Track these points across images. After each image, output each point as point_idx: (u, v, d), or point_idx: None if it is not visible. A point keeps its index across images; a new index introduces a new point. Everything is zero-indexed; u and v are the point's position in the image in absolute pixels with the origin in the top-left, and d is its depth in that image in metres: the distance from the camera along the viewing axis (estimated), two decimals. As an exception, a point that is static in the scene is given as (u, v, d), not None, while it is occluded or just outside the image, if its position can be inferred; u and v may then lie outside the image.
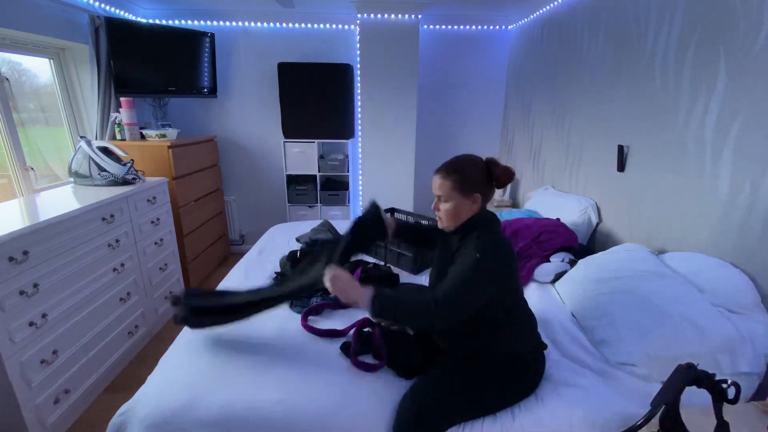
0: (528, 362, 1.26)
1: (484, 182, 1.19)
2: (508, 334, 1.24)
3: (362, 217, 1.44)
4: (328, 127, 3.35)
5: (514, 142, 3.50)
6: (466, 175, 1.18)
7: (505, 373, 1.22)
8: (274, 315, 1.63)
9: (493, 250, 1.14)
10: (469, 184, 1.18)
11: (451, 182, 1.18)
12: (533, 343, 1.30)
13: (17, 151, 2.19)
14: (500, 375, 1.22)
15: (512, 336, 1.25)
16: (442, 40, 3.50)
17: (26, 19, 2.15)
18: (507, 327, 1.24)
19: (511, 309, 1.25)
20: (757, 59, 1.36)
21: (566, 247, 2.08)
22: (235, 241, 3.88)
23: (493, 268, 1.13)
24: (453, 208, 1.20)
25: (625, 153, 2.04)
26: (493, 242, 1.16)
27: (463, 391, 1.19)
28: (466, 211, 1.21)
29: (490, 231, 1.20)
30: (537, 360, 1.29)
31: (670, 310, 1.35)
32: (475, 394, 1.19)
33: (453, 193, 1.19)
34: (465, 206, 1.20)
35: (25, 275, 1.55)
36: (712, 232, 1.57)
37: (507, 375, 1.22)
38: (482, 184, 1.19)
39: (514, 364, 1.24)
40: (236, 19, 3.32)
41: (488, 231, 1.19)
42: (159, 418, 1.16)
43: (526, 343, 1.27)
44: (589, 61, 2.34)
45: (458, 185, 1.18)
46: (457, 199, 1.19)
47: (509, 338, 1.24)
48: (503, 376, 1.22)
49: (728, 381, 0.86)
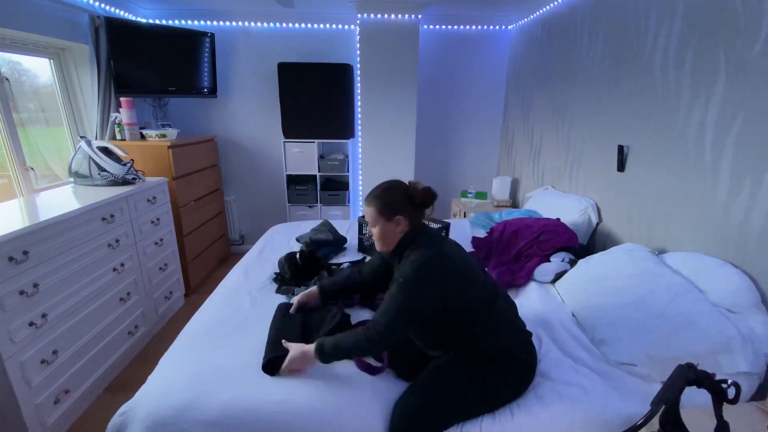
0: (515, 355, 1.27)
1: (405, 204, 1.27)
2: (482, 331, 1.24)
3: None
4: (328, 127, 3.35)
5: (514, 142, 3.50)
6: (385, 200, 1.27)
7: (496, 368, 1.23)
8: (274, 315, 1.63)
9: (417, 270, 1.18)
10: (389, 209, 1.26)
11: (373, 209, 1.29)
12: (514, 334, 1.30)
13: (17, 151, 2.19)
14: (491, 371, 1.23)
15: (489, 332, 1.25)
16: (442, 40, 3.50)
17: (26, 19, 2.15)
18: (478, 325, 1.24)
19: (475, 308, 1.24)
20: (757, 59, 1.36)
21: (566, 247, 2.08)
22: (235, 241, 3.88)
23: (421, 285, 1.17)
24: (379, 233, 1.30)
25: (625, 153, 2.04)
26: (418, 261, 1.19)
27: (457, 389, 1.20)
28: (394, 233, 1.29)
29: (421, 246, 1.24)
30: (525, 351, 1.30)
31: (670, 310, 1.35)
32: (468, 393, 1.20)
33: (377, 219, 1.28)
34: (390, 229, 1.28)
35: (25, 275, 1.55)
36: (712, 232, 1.57)
37: (498, 370, 1.23)
38: (404, 207, 1.27)
39: (502, 359, 1.25)
40: (236, 19, 3.32)
41: (418, 248, 1.24)
42: (159, 418, 1.16)
43: (506, 336, 1.27)
44: (589, 60, 2.35)
45: (379, 210, 1.27)
46: (382, 223, 1.28)
47: (486, 335, 1.24)
48: (494, 372, 1.23)
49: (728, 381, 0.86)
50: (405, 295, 1.17)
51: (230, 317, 1.62)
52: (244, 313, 1.65)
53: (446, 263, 1.22)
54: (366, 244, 2.30)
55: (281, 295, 1.81)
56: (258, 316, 1.63)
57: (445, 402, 1.18)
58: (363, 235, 2.29)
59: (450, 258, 1.23)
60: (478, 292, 1.26)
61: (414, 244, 1.26)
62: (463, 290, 1.22)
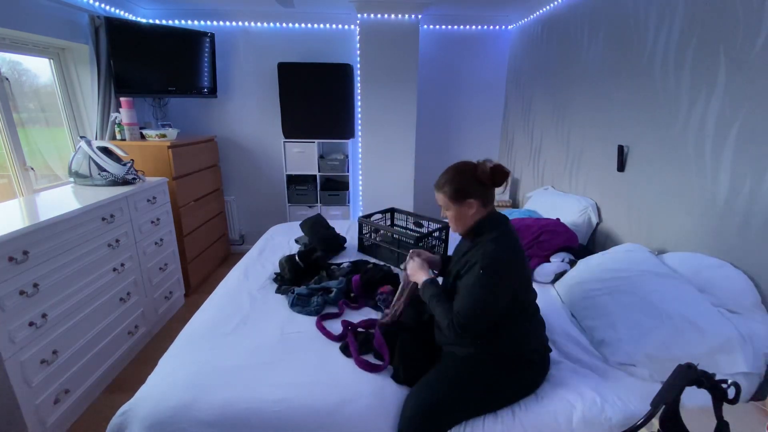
0: (533, 362, 1.27)
1: (475, 186, 1.25)
2: (517, 332, 1.25)
3: None
4: (328, 127, 3.35)
5: (514, 142, 3.50)
6: (454, 184, 1.26)
7: (510, 372, 1.23)
8: (273, 314, 1.64)
9: (495, 261, 1.18)
10: (459, 192, 1.25)
11: (443, 194, 1.29)
12: (540, 343, 1.31)
13: (17, 151, 2.19)
14: (505, 374, 1.23)
15: (521, 335, 1.26)
16: (442, 40, 3.50)
17: (26, 19, 2.15)
18: (516, 326, 1.25)
19: (523, 305, 1.27)
20: (757, 59, 1.36)
21: (566, 247, 2.08)
22: (235, 241, 3.88)
23: (498, 277, 1.17)
24: (454, 216, 1.29)
25: (625, 153, 2.04)
26: (495, 251, 1.19)
27: (470, 389, 1.20)
28: (467, 216, 1.27)
29: (497, 234, 1.23)
30: (542, 360, 1.31)
31: (670, 310, 1.35)
32: (480, 393, 1.20)
33: (449, 203, 1.28)
34: (463, 212, 1.27)
35: (25, 275, 1.55)
36: (712, 232, 1.57)
37: (512, 374, 1.23)
38: (474, 189, 1.25)
39: (520, 364, 1.25)
40: (236, 19, 3.32)
41: (494, 234, 1.23)
42: (159, 418, 1.16)
43: (533, 344, 1.28)
44: (589, 60, 2.34)
45: (450, 195, 1.27)
46: (454, 207, 1.27)
47: (518, 337, 1.25)
48: (508, 376, 1.23)
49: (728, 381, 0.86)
50: (485, 287, 1.17)
51: (230, 317, 1.62)
52: (243, 313, 1.65)
53: (518, 253, 1.24)
54: (366, 244, 2.30)
55: (281, 295, 1.81)
56: (258, 316, 1.63)
57: (460, 399, 1.18)
58: (363, 235, 2.29)
59: (520, 250, 1.25)
60: (527, 289, 1.29)
61: (490, 230, 1.25)
62: (520, 283, 1.24)
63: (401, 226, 2.52)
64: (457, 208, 1.27)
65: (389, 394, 1.23)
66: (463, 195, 1.25)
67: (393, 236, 2.19)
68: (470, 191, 1.24)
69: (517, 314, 1.25)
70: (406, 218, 2.50)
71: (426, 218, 2.39)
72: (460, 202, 1.26)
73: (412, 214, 2.47)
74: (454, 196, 1.26)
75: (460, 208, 1.26)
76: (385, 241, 2.21)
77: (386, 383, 1.27)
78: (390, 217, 2.57)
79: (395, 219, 2.58)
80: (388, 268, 1.96)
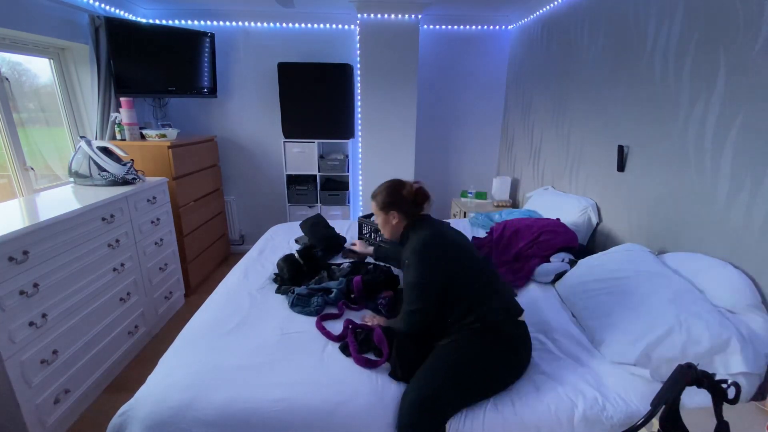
0: (506, 330, 1.32)
1: (400, 202, 1.51)
2: (475, 303, 1.33)
3: None
4: (328, 127, 3.35)
5: (514, 142, 3.50)
6: (382, 197, 1.54)
7: (491, 345, 1.28)
8: (273, 314, 1.64)
9: (416, 250, 1.38)
10: (384, 205, 1.53)
11: (374, 203, 1.57)
12: (504, 308, 1.36)
13: (17, 151, 2.19)
14: (488, 349, 1.28)
15: (479, 303, 1.33)
16: (442, 40, 3.50)
17: (26, 19, 2.16)
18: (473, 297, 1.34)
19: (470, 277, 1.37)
20: (757, 59, 1.36)
21: (566, 247, 2.08)
22: (235, 241, 3.88)
23: (426, 256, 1.37)
24: (380, 223, 1.57)
25: (625, 153, 2.04)
26: (416, 241, 1.41)
27: (454, 370, 1.22)
28: (392, 225, 1.54)
29: (418, 230, 1.47)
30: (515, 325, 1.35)
31: (670, 310, 1.35)
32: (470, 374, 1.23)
33: (378, 212, 1.56)
34: (387, 222, 1.54)
35: (25, 275, 1.55)
36: (712, 232, 1.57)
37: (494, 347, 1.28)
38: (396, 204, 1.51)
39: (497, 336, 1.30)
40: (236, 19, 3.32)
41: (415, 235, 1.45)
42: (159, 418, 1.16)
43: (495, 308, 1.33)
44: (588, 61, 2.35)
45: (378, 206, 1.55)
46: (381, 216, 1.55)
47: (477, 306, 1.32)
48: (491, 350, 1.28)
49: (728, 381, 0.86)
50: (414, 273, 1.36)
51: (230, 317, 1.62)
52: (243, 313, 1.65)
53: (442, 240, 1.41)
54: (366, 244, 2.30)
55: (281, 295, 1.81)
56: (258, 316, 1.63)
57: (446, 386, 1.19)
58: (363, 236, 2.28)
59: (444, 236, 1.43)
60: (474, 269, 1.40)
61: (414, 231, 1.48)
62: (460, 265, 1.38)
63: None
64: (383, 216, 1.54)
65: (388, 393, 1.23)
66: (388, 207, 1.52)
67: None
68: (394, 205, 1.50)
69: (469, 287, 1.35)
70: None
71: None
72: (385, 212, 1.53)
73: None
74: (381, 206, 1.53)
75: (385, 217, 1.53)
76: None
77: (385, 382, 1.28)
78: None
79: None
80: (389, 269, 1.96)
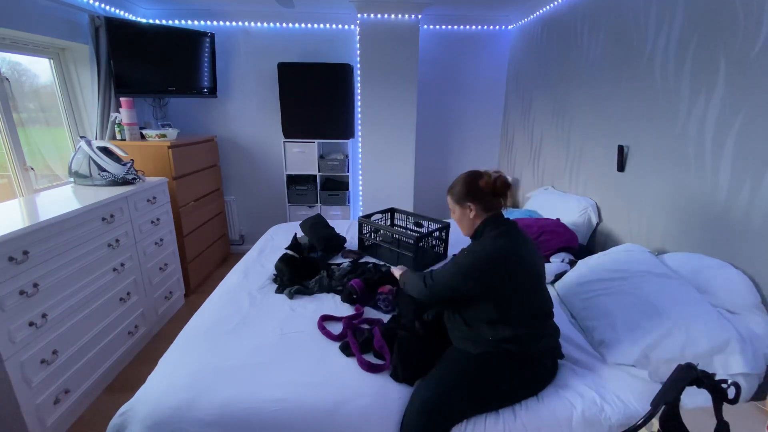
0: (543, 365, 1.29)
1: (474, 194, 1.37)
2: (529, 334, 1.27)
3: None
4: (328, 127, 3.35)
5: (514, 142, 3.50)
6: (458, 189, 1.41)
7: (520, 371, 1.25)
8: (273, 315, 1.64)
9: (479, 259, 1.27)
10: (459, 197, 1.40)
11: (449, 197, 1.45)
12: (551, 348, 1.33)
13: (17, 151, 2.19)
14: (514, 373, 1.24)
15: (532, 336, 1.27)
16: (442, 40, 3.50)
17: (26, 19, 2.15)
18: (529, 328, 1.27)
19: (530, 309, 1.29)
20: (757, 59, 1.36)
21: (566, 248, 2.08)
22: (235, 241, 3.88)
23: (473, 273, 1.27)
24: (457, 218, 1.44)
25: (625, 153, 2.04)
26: (486, 250, 1.28)
27: (479, 386, 1.21)
28: (468, 219, 1.40)
29: (496, 233, 1.32)
30: (553, 365, 1.32)
31: (669, 311, 1.35)
32: (488, 390, 1.21)
33: (453, 205, 1.44)
34: (465, 215, 1.40)
35: (25, 275, 1.55)
36: (712, 232, 1.57)
37: (521, 374, 1.25)
38: (473, 196, 1.37)
39: (530, 365, 1.26)
40: (236, 19, 3.32)
41: (491, 239, 1.31)
42: (159, 418, 1.16)
43: (543, 347, 1.29)
44: (589, 60, 2.34)
45: (454, 198, 1.42)
46: (457, 210, 1.42)
47: (528, 339, 1.27)
48: (517, 375, 1.24)
49: (728, 381, 0.86)
50: (455, 274, 1.31)
51: (230, 317, 1.62)
52: (243, 313, 1.65)
53: (512, 265, 1.27)
54: (366, 244, 2.30)
55: (281, 295, 1.81)
56: (257, 315, 1.63)
57: (467, 396, 1.19)
58: (363, 235, 2.29)
59: (519, 260, 1.28)
60: (534, 303, 1.31)
61: (490, 229, 1.34)
62: (520, 297, 1.28)
63: (401, 226, 2.53)
64: (459, 210, 1.41)
65: (389, 393, 1.23)
66: (464, 199, 1.38)
67: (393, 236, 2.19)
68: (472, 196, 1.36)
69: (521, 318, 1.27)
70: (406, 218, 2.50)
71: (426, 218, 2.39)
72: (461, 205, 1.39)
73: (412, 214, 2.47)
74: (457, 199, 1.40)
75: (462, 210, 1.40)
76: (385, 241, 2.21)
77: (386, 382, 1.27)
78: (390, 217, 2.57)
79: (395, 219, 2.58)
80: (387, 268, 1.96)
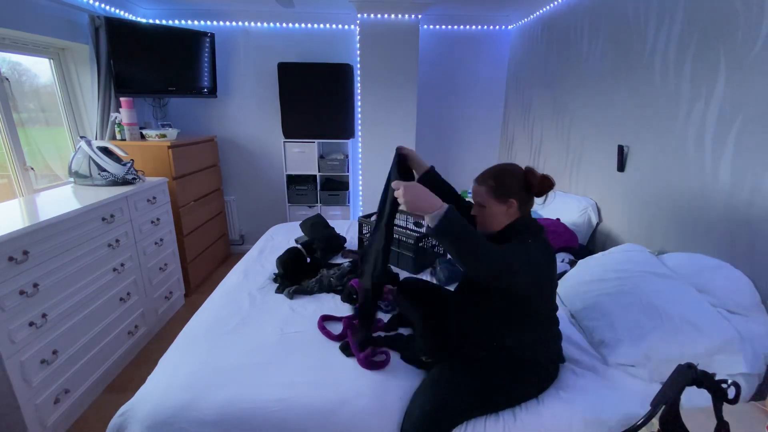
0: (546, 369, 1.28)
1: (520, 189, 1.22)
2: (533, 338, 1.26)
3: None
4: (328, 127, 3.35)
5: (514, 142, 3.50)
6: (500, 181, 1.23)
7: (523, 375, 1.24)
8: (273, 314, 1.64)
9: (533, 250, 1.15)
10: (502, 190, 1.22)
11: (485, 188, 1.24)
12: (555, 353, 1.32)
13: (17, 151, 2.19)
14: (517, 377, 1.23)
15: (537, 341, 1.27)
16: (442, 40, 3.50)
17: (26, 19, 2.15)
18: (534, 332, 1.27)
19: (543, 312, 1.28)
20: (757, 59, 1.36)
21: (566, 248, 2.08)
22: (235, 241, 3.88)
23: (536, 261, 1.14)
24: (487, 213, 1.25)
25: (625, 153, 2.04)
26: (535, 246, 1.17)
27: (481, 390, 1.20)
28: (502, 214, 1.24)
29: (534, 240, 1.19)
30: (555, 369, 1.32)
31: (669, 311, 1.35)
32: (491, 393, 1.20)
33: (488, 199, 1.24)
34: (500, 210, 1.23)
35: (25, 275, 1.55)
36: (712, 232, 1.57)
37: (524, 378, 1.24)
38: (517, 191, 1.22)
39: (533, 369, 1.26)
40: (236, 19, 3.32)
41: (530, 238, 1.19)
42: (159, 418, 1.16)
43: (547, 352, 1.29)
44: (589, 60, 2.34)
45: (492, 190, 1.23)
46: (493, 204, 1.24)
47: (533, 343, 1.26)
48: (519, 379, 1.23)
49: (728, 381, 0.86)
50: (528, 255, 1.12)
51: (230, 317, 1.62)
52: (243, 313, 1.65)
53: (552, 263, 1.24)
54: (366, 244, 2.29)
55: (281, 295, 1.81)
56: (257, 315, 1.63)
57: (469, 400, 1.18)
58: (363, 235, 2.28)
59: (551, 263, 1.24)
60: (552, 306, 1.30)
61: (525, 234, 1.20)
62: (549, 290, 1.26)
63: (401, 226, 2.52)
64: (496, 204, 1.23)
65: (390, 393, 1.23)
66: (505, 193, 1.22)
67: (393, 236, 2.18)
68: (513, 192, 1.22)
69: (535, 321, 1.26)
70: (406, 218, 2.50)
71: (426, 218, 2.39)
72: (500, 200, 1.22)
73: (412, 214, 2.47)
74: (496, 192, 1.22)
75: (498, 205, 1.23)
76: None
77: (387, 382, 1.27)
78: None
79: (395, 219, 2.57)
80: (389, 268, 1.96)
